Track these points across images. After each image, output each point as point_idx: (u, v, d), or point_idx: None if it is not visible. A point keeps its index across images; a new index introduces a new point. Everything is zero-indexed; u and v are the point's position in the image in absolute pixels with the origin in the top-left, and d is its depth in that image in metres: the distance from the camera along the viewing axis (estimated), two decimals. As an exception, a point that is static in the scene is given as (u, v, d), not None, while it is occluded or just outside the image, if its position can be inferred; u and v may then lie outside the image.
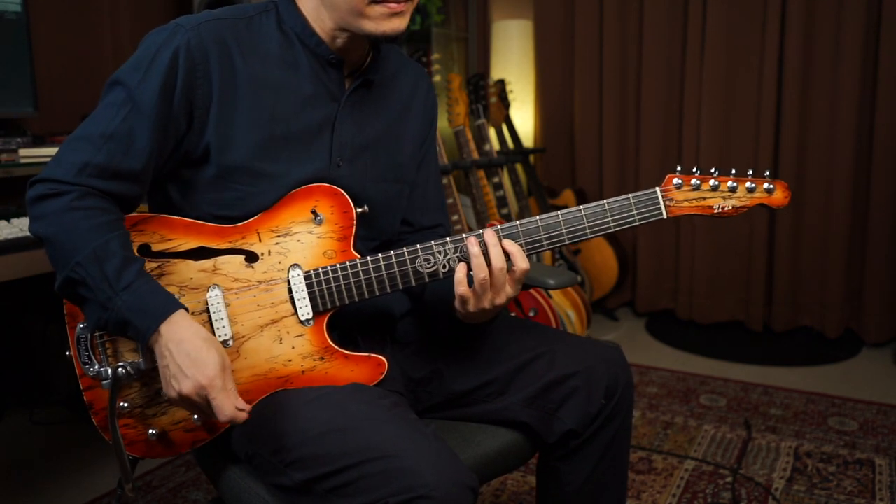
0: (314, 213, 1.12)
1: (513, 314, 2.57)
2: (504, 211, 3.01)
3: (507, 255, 1.09)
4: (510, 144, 3.35)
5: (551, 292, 2.71)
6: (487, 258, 1.08)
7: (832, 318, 3.14)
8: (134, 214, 1.10)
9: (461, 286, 1.09)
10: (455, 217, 2.73)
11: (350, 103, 1.19)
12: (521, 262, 1.09)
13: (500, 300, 1.11)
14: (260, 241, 1.11)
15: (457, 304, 1.12)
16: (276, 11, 1.16)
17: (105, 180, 1.04)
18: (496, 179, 3.05)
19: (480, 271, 1.07)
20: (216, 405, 0.98)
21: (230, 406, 0.98)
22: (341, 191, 1.13)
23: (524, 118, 3.72)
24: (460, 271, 1.09)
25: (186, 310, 1.03)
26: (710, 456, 2.17)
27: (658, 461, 2.14)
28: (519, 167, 3.34)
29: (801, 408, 2.50)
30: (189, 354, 0.98)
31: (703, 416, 2.45)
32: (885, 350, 3.07)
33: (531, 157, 3.56)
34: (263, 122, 1.11)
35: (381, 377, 1.12)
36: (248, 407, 1.01)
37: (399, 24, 1.10)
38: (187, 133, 1.10)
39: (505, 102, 3.31)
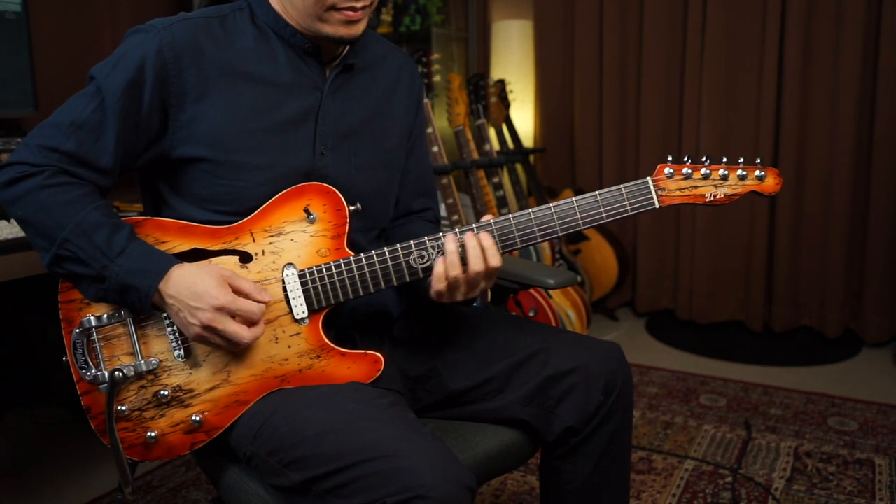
0: (307, 211, 1.12)
1: (513, 314, 2.57)
2: (504, 211, 3.01)
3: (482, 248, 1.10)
4: (510, 144, 3.35)
5: (551, 292, 2.71)
6: (464, 257, 1.09)
7: (832, 318, 3.13)
8: (127, 218, 1.10)
9: (439, 283, 1.10)
10: (455, 217, 2.73)
11: (332, 91, 1.20)
12: (493, 261, 1.10)
13: (473, 294, 1.13)
14: (253, 241, 1.11)
15: (432, 294, 1.13)
16: (249, 8, 1.18)
17: (73, 166, 1.06)
18: (496, 179, 3.05)
19: (453, 269, 1.09)
20: (245, 310, 1.02)
21: (254, 305, 1.04)
22: (334, 189, 1.13)
23: (524, 118, 3.72)
24: (439, 266, 1.10)
25: (179, 262, 1.06)
26: (710, 456, 2.16)
27: (658, 461, 2.14)
28: (519, 167, 3.34)
29: (801, 408, 2.50)
30: (191, 291, 1.02)
31: (703, 416, 2.45)
32: (885, 350, 3.07)
33: (531, 157, 3.56)
34: (243, 115, 1.12)
35: (378, 373, 1.12)
36: (268, 296, 1.07)
37: (356, 30, 1.13)
38: (163, 132, 1.11)
39: (505, 102, 3.31)
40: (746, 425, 2.35)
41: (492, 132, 3.28)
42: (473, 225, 1.11)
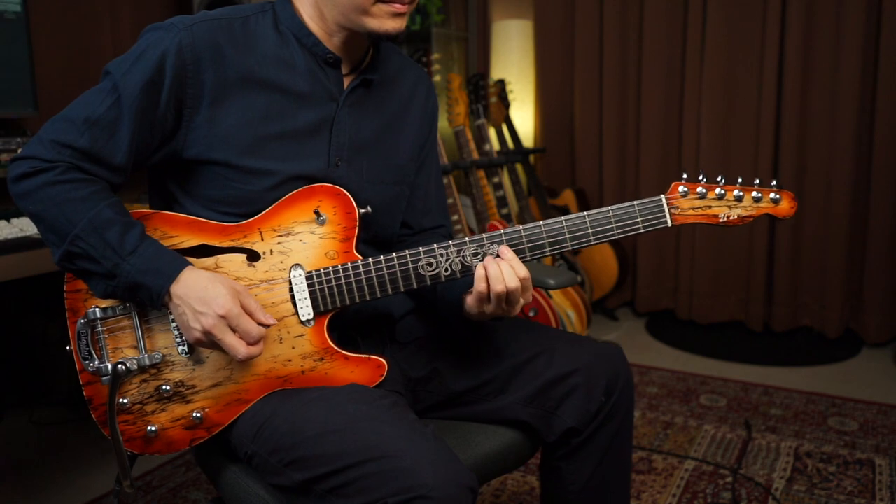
0: (317, 213, 1.12)
1: (513, 314, 2.57)
2: (504, 211, 3.01)
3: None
4: (510, 144, 3.35)
5: (551, 292, 2.71)
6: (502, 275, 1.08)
7: (832, 318, 3.14)
8: (135, 211, 1.10)
9: (482, 283, 1.09)
10: (455, 217, 2.73)
11: (349, 103, 1.19)
12: (521, 271, 1.09)
13: (514, 311, 1.12)
14: (262, 240, 1.11)
15: (471, 299, 1.12)
16: (273, 12, 1.17)
17: (86, 163, 1.05)
18: (496, 179, 3.06)
19: (498, 284, 1.07)
20: (243, 328, 1.01)
21: (254, 326, 1.02)
22: (344, 191, 1.13)
23: (524, 118, 3.72)
24: (481, 269, 1.09)
25: (191, 264, 1.05)
26: (710, 456, 2.16)
27: (658, 461, 2.14)
28: (519, 167, 3.34)
29: (801, 408, 2.50)
30: (199, 295, 1.01)
31: (703, 416, 2.45)
32: (885, 350, 3.07)
33: (531, 157, 3.56)
34: (257, 120, 1.12)
35: (381, 379, 1.12)
36: (273, 320, 1.05)
37: (401, 24, 1.12)
38: (177, 131, 1.10)
39: (505, 102, 3.31)
40: (746, 425, 2.35)
41: (492, 132, 3.28)
42: (483, 235, 1.11)
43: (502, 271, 1.08)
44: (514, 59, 3.68)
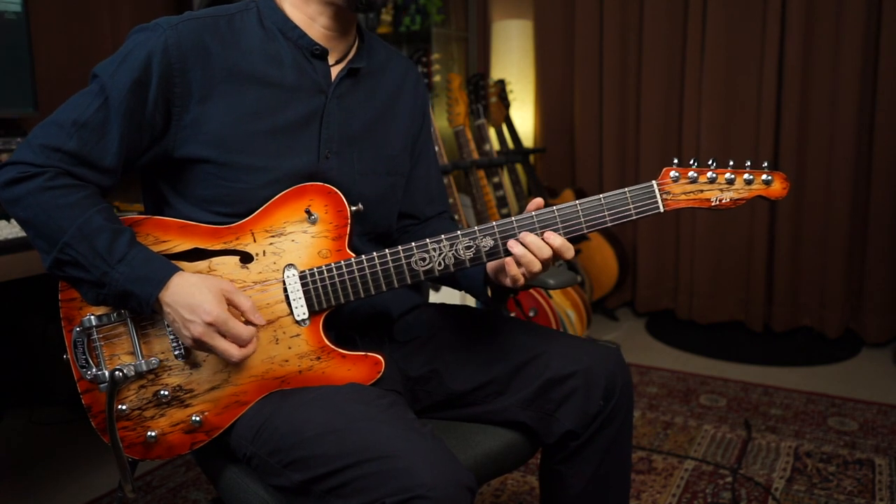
0: (308, 212, 1.12)
1: (513, 314, 2.57)
2: (504, 211, 3.01)
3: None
4: (510, 144, 3.35)
5: (551, 292, 2.71)
6: (533, 253, 1.08)
7: (832, 318, 3.14)
8: (127, 217, 1.10)
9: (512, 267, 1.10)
10: (455, 217, 2.73)
11: (337, 95, 1.19)
12: (568, 253, 1.09)
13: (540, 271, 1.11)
14: (254, 241, 1.11)
15: (508, 280, 1.12)
16: (257, 8, 1.18)
17: (75, 167, 1.05)
18: (496, 179, 3.06)
19: (534, 266, 1.07)
20: (233, 334, 1.02)
21: (243, 329, 1.02)
22: (335, 189, 1.13)
23: (524, 118, 3.73)
24: (513, 267, 1.09)
25: (181, 269, 1.05)
26: (710, 456, 2.16)
27: (658, 461, 2.14)
28: (519, 167, 3.34)
29: (801, 408, 2.50)
30: (187, 302, 1.01)
31: (703, 416, 2.45)
32: (885, 350, 3.07)
33: (531, 157, 3.55)
34: (247, 117, 1.12)
35: (379, 375, 1.12)
36: (262, 321, 1.06)
37: None
38: (167, 131, 1.10)
39: (505, 102, 3.31)
40: (746, 425, 2.35)
41: (492, 132, 3.28)
42: (475, 228, 1.11)
43: (533, 253, 1.07)
44: (514, 59, 3.68)
